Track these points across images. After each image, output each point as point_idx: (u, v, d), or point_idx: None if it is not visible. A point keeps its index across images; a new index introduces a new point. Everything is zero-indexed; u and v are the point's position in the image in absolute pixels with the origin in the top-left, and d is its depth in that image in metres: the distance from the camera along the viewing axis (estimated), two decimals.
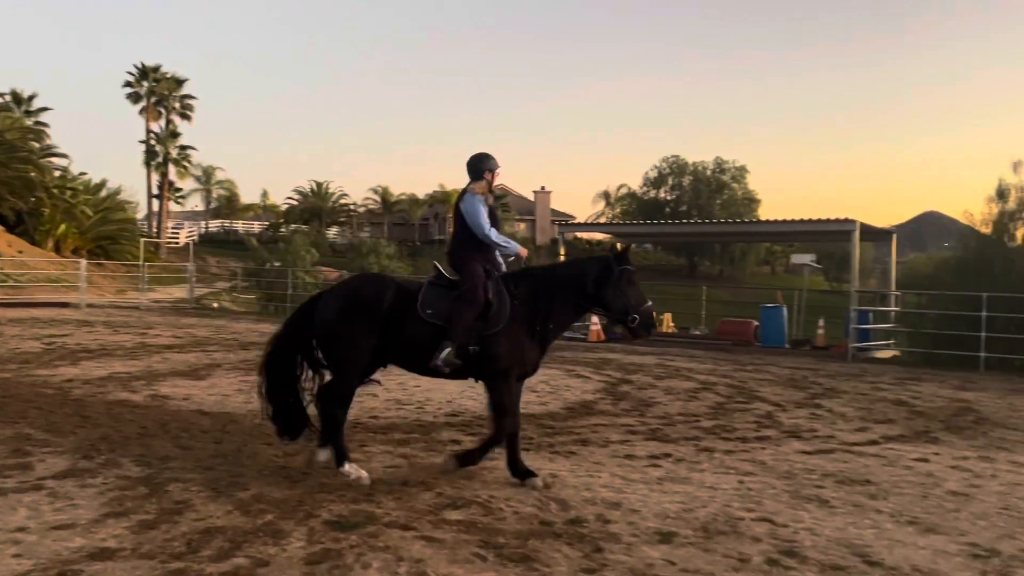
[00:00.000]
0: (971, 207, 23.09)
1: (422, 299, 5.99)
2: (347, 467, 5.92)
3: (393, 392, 9.98)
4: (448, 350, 5.82)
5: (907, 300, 20.19)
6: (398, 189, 68.47)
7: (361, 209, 66.42)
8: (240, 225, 63.77)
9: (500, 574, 4.28)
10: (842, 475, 6.61)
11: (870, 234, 19.88)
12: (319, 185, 65.00)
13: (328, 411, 6.06)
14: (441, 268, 6.29)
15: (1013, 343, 16.15)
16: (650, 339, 19.79)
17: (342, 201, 66.22)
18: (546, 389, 10.88)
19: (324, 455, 6.10)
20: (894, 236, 22.03)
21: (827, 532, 5.13)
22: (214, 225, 64.46)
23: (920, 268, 23.93)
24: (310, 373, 6.31)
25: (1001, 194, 20.15)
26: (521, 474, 5.96)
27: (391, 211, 65.64)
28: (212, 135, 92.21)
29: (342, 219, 66.27)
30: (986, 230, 20.22)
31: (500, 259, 6.39)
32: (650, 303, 6.17)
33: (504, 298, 6.00)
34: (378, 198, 66.24)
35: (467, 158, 6.36)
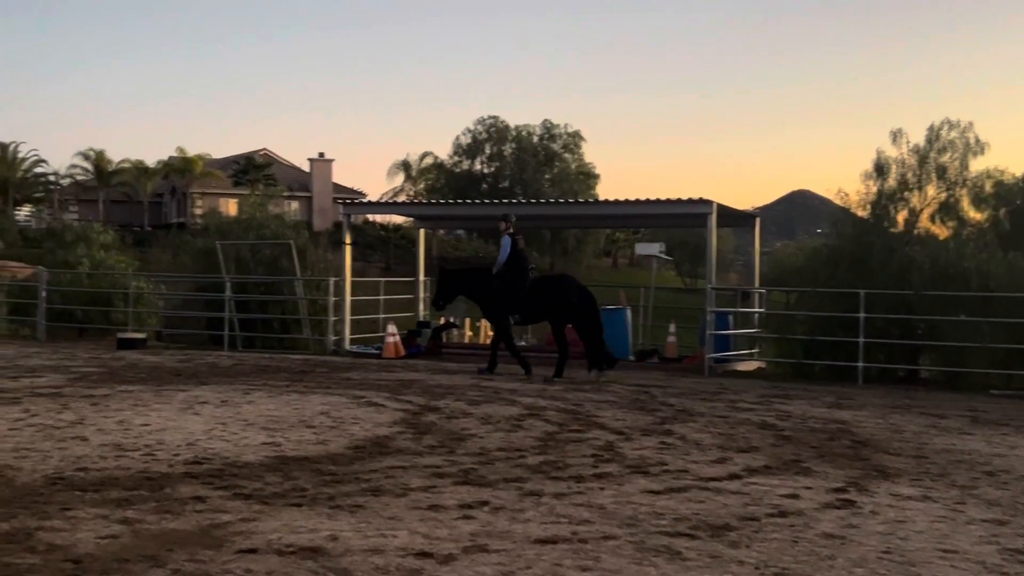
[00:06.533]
0: (845, 185, 24.78)
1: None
2: None
3: (112, 434, 9.53)
4: None
5: (773, 299, 21.37)
6: (119, 154, 65.40)
7: (65, 181, 63.01)
8: None
9: None
10: (697, 519, 6.88)
11: (730, 218, 20.85)
12: (3, 148, 61.10)
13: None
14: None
15: (894, 350, 17.39)
16: (464, 353, 20.08)
17: (37, 170, 62.67)
18: (326, 423, 10.73)
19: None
20: (757, 220, 23.30)
21: None
22: None
23: (789, 259, 25.43)
24: None
25: (880, 170, 21.58)
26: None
27: (109, 184, 62.64)
28: None
29: (38, 194, 62.64)
30: (863, 213, 21.63)
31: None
32: None
33: None
34: (90, 166, 63.06)
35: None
